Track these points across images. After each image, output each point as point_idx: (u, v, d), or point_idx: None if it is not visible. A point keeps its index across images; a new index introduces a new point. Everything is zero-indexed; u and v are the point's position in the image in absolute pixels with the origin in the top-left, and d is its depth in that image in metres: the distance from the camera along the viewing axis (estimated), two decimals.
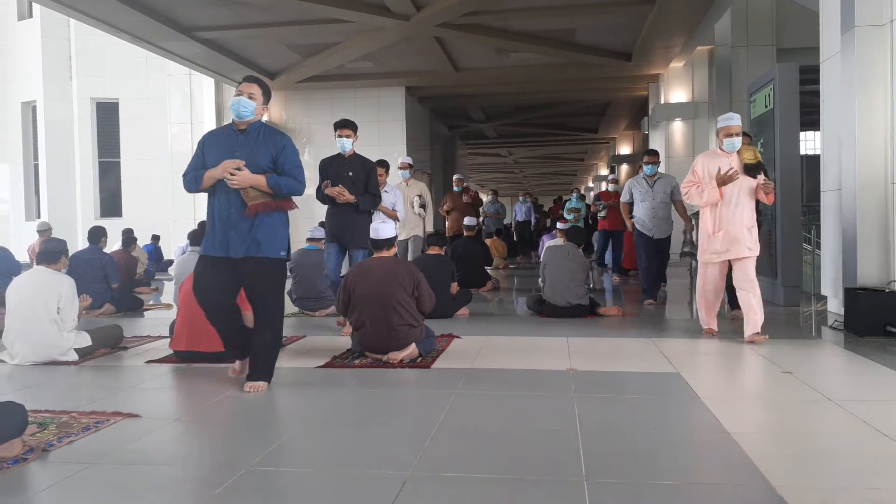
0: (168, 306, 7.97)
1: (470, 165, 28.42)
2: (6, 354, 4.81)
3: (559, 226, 8.27)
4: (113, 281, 7.48)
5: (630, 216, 7.65)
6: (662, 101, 13.58)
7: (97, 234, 7.73)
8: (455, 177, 11.83)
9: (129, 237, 10.07)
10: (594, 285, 8.80)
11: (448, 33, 10.90)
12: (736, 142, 5.11)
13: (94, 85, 15.26)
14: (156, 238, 13.36)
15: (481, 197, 13.18)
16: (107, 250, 8.06)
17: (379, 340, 4.58)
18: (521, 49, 11.75)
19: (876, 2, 5.66)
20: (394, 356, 4.52)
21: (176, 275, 7.52)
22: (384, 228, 4.88)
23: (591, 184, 30.38)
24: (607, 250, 10.95)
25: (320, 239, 7.17)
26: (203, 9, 9.84)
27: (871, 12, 5.68)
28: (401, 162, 8.27)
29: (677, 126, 13.39)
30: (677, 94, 13.41)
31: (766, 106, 7.34)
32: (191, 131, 14.17)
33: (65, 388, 4.17)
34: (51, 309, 4.71)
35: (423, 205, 8.02)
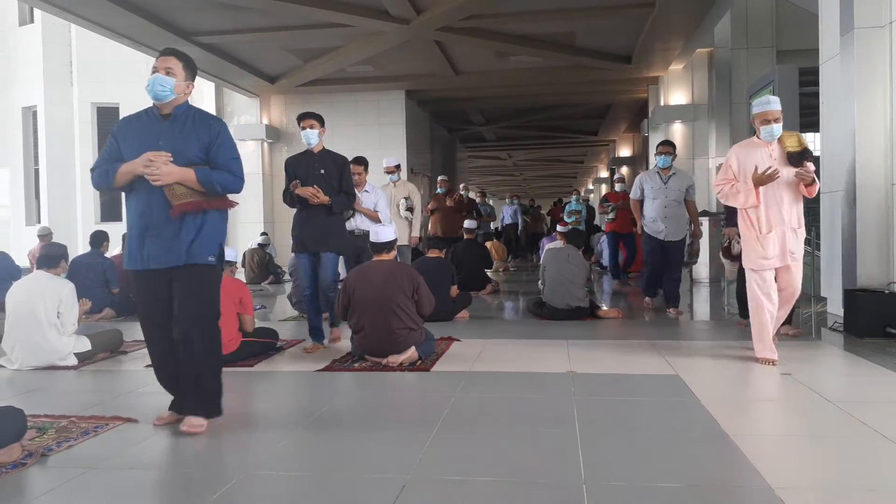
0: None
1: (470, 168, 28.42)
2: (6, 359, 4.81)
3: (559, 228, 8.23)
4: (113, 285, 7.49)
5: (641, 215, 6.86)
6: (662, 104, 13.58)
7: (99, 239, 7.74)
8: (440, 178, 11.04)
9: None
10: (595, 291, 8.80)
11: (448, 37, 10.92)
12: (775, 129, 4.42)
13: (94, 90, 15.28)
14: None
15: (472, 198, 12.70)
16: (107, 255, 8.07)
17: (378, 344, 4.57)
18: (520, 52, 11.76)
19: (875, 4, 5.67)
20: (393, 359, 4.52)
21: None
22: (384, 231, 4.88)
23: (591, 186, 30.36)
24: (616, 255, 10.16)
25: None
26: (203, 13, 9.85)
27: (871, 14, 5.69)
28: (386, 165, 7.62)
29: (677, 128, 13.38)
30: (677, 96, 13.41)
31: None
32: None
33: (64, 392, 4.17)
34: (50, 313, 4.71)
35: (409, 208, 7.40)
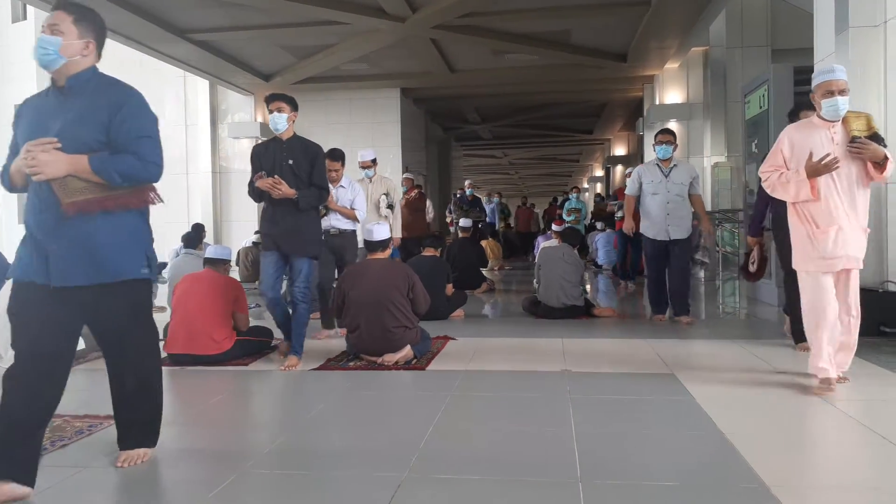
0: (162, 309, 7.92)
1: (465, 167, 28.40)
2: (0, 359, 4.78)
3: (554, 227, 8.24)
4: None
5: (638, 213, 6.22)
6: (657, 102, 13.60)
7: None
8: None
9: None
10: (591, 290, 8.79)
11: (443, 35, 10.90)
12: (840, 103, 3.57)
13: None
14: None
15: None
16: None
17: (374, 342, 4.56)
18: (516, 50, 11.75)
19: (870, 3, 5.68)
20: (389, 358, 4.51)
21: (170, 277, 7.50)
22: (378, 230, 4.87)
23: (587, 185, 30.39)
24: (625, 255, 9.49)
25: None
26: (197, 11, 9.81)
27: (866, 13, 5.69)
28: (361, 160, 6.92)
29: (672, 127, 13.37)
30: (672, 95, 13.42)
31: (760, 107, 7.36)
32: (185, 133, 14.14)
33: None
34: None
35: (390, 205, 6.76)
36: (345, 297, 4.65)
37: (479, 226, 12.35)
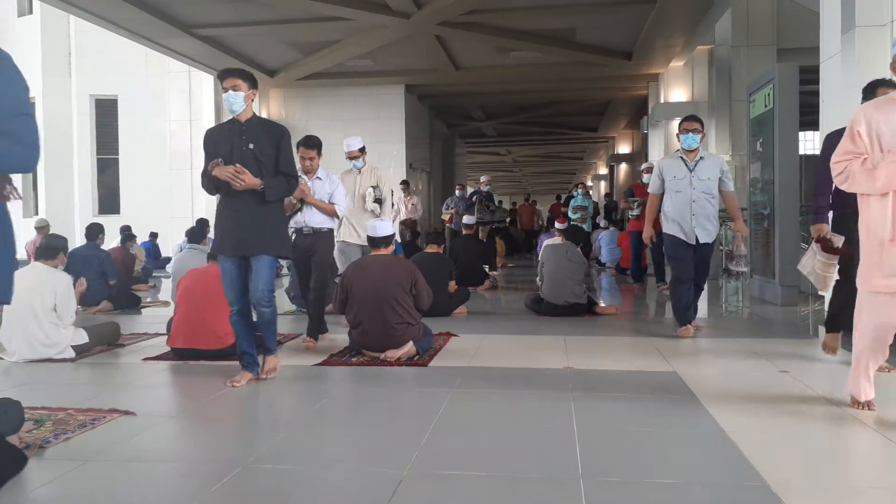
0: (165, 304, 7.97)
1: (469, 164, 28.39)
2: (3, 352, 4.81)
3: (557, 225, 8.22)
4: (111, 278, 7.48)
5: (659, 213, 5.40)
6: (662, 101, 13.56)
7: (95, 231, 7.73)
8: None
9: (127, 234, 10.06)
10: (594, 287, 8.78)
11: (448, 32, 10.89)
12: None
13: (93, 82, 15.21)
14: (154, 235, 13.36)
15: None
16: (105, 247, 8.06)
17: (376, 338, 4.57)
18: (521, 48, 11.73)
19: (876, 2, 5.66)
20: (391, 354, 4.52)
21: (173, 272, 7.52)
22: (381, 225, 4.88)
23: (591, 183, 30.36)
24: (640, 256, 8.88)
25: None
26: (203, 5, 9.82)
27: (872, 13, 5.67)
28: (348, 149, 6.01)
29: (677, 125, 13.36)
30: (677, 93, 13.39)
31: (765, 106, 7.34)
32: (190, 128, 14.14)
33: (61, 385, 4.17)
34: (47, 305, 4.70)
35: (378, 199, 5.99)
36: (348, 293, 4.65)
37: (495, 227, 11.83)
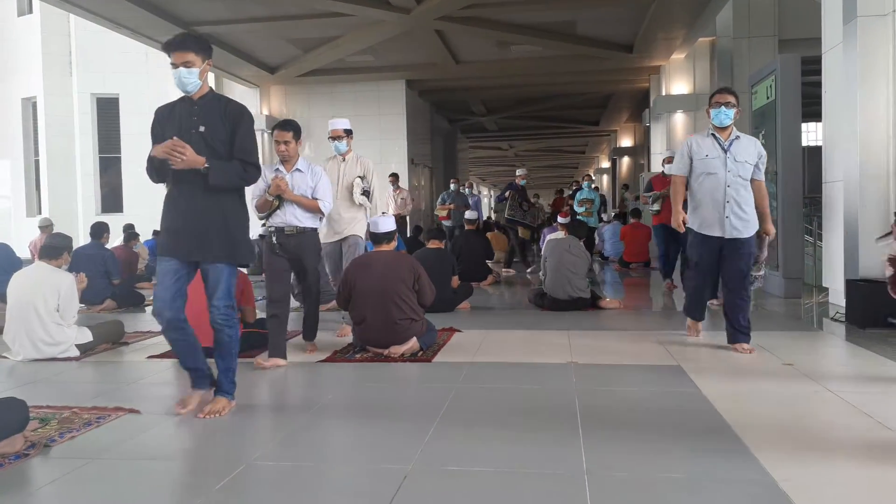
0: None
1: (471, 159, 28.38)
2: (8, 351, 4.82)
3: (560, 219, 8.18)
4: (114, 276, 7.49)
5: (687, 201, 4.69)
6: (664, 93, 13.54)
7: (100, 230, 7.74)
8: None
9: (130, 233, 10.07)
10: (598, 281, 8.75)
11: (448, 26, 10.88)
12: None
13: (94, 80, 15.21)
14: (156, 234, 13.36)
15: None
16: (108, 246, 8.07)
17: (380, 335, 4.57)
18: (521, 41, 11.71)
19: None
20: (395, 350, 4.52)
21: None
22: (384, 221, 4.87)
23: (593, 176, 30.32)
24: (668, 252, 7.76)
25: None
26: (203, 3, 9.82)
27: (873, 3, 5.66)
28: (332, 128, 5.43)
29: (679, 118, 13.34)
30: (679, 85, 13.36)
31: (767, 97, 7.31)
32: None
33: (66, 383, 4.18)
34: (50, 305, 4.70)
35: (366, 191, 5.41)
36: (351, 290, 4.65)
37: (536, 230, 10.81)
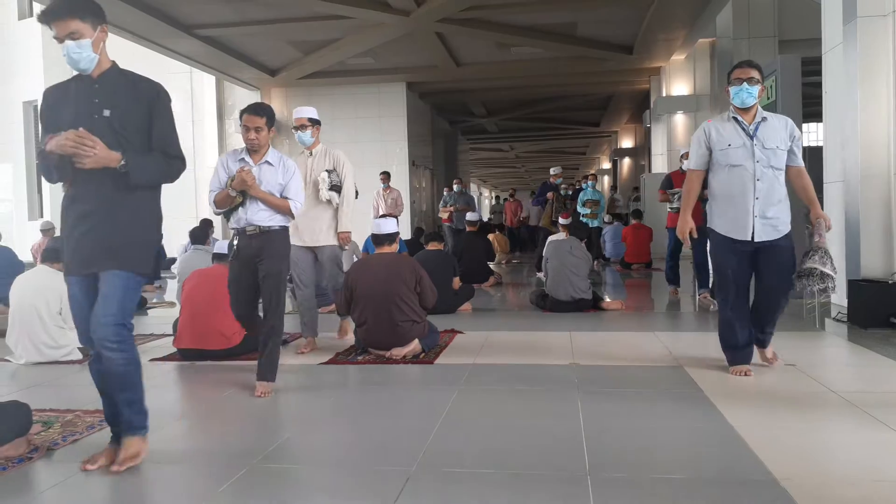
0: (171, 304, 7.98)
1: (472, 160, 28.38)
2: (10, 355, 4.83)
3: (561, 220, 8.19)
4: None
5: (705, 199, 4.10)
6: (664, 94, 13.55)
7: None
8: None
9: None
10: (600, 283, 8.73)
11: (448, 28, 10.89)
12: None
13: None
14: None
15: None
16: None
17: (382, 337, 4.57)
18: (522, 43, 11.72)
19: None
20: (397, 352, 4.52)
21: (178, 273, 7.54)
22: (385, 223, 4.87)
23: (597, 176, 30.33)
24: (679, 255, 7.34)
25: None
26: (204, 6, 9.82)
27: (873, 3, 5.66)
28: (296, 116, 4.95)
29: (679, 119, 13.35)
30: (679, 86, 13.37)
31: (768, 98, 7.31)
32: (192, 129, 14.19)
33: (69, 386, 4.18)
34: (52, 308, 4.71)
35: (335, 186, 4.81)
36: (352, 292, 4.65)
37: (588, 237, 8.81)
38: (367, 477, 2.56)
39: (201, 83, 14.17)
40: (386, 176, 10.89)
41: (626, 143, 22.03)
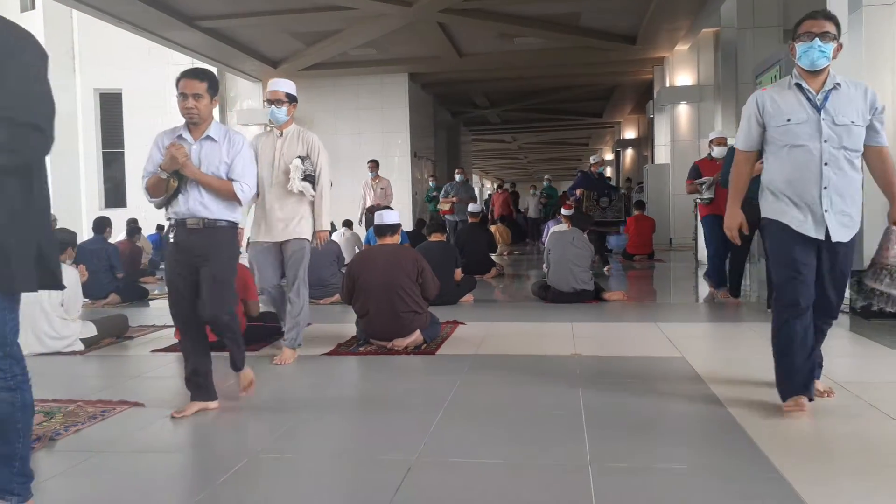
0: None
1: (474, 152, 28.33)
2: None
3: (563, 212, 8.17)
4: (118, 271, 7.50)
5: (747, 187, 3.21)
6: (668, 85, 13.49)
7: (102, 225, 7.75)
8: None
9: (133, 227, 10.10)
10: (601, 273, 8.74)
11: (451, 18, 10.84)
12: None
13: (97, 76, 15.22)
14: (160, 228, 13.38)
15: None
16: (111, 240, 8.08)
17: (384, 327, 4.58)
18: (524, 34, 11.67)
19: None
20: (398, 343, 4.53)
21: None
22: (388, 214, 4.87)
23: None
24: (719, 251, 6.26)
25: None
26: None
27: None
28: (271, 88, 4.29)
29: (683, 109, 13.29)
30: (682, 77, 13.30)
31: None
32: None
33: (71, 377, 4.19)
34: (54, 299, 4.72)
35: (309, 176, 4.24)
36: (355, 283, 4.65)
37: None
38: (369, 467, 2.56)
39: None
40: (374, 164, 10.06)
41: (630, 133, 21.97)
